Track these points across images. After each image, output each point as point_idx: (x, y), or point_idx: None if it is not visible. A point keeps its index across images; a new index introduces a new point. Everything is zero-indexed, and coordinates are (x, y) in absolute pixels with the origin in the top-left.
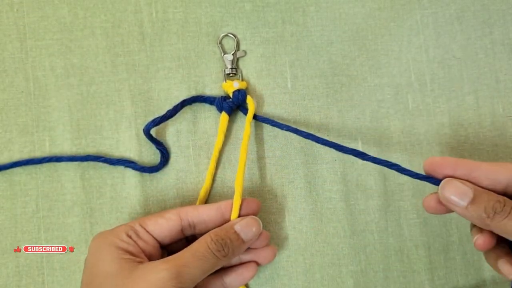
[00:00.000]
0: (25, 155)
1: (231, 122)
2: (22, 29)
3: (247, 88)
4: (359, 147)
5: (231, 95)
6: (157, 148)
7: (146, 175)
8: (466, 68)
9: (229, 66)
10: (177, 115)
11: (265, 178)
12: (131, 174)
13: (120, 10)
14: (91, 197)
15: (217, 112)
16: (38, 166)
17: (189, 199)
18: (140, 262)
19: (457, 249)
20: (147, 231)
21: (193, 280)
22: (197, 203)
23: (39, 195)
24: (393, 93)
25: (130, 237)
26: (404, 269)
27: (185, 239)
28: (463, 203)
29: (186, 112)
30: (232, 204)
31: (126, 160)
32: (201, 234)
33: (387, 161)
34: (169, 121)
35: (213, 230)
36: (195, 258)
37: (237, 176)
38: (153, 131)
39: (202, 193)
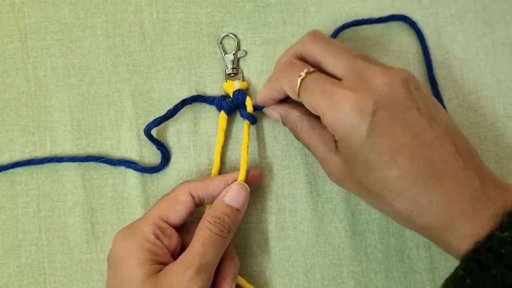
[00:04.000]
0: (26, 155)
1: (231, 122)
2: (23, 30)
3: (247, 88)
4: None
5: (231, 95)
6: (158, 149)
7: (147, 175)
8: (467, 68)
9: (230, 66)
10: (177, 115)
11: (265, 178)
12: (132, 175)
13: (121, 11)
14: (92, 197)
15: (217, 112)
16: (39, 166)
17: None
18: (161, 269)
19: None
20: (169, 224)
21: (213, 267)
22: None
23: (40, 195)
24: None
25: (157, 236)
26: (405, 269)
27: None
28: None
29: (187, 112)
30: (237, 176)
31: (127, 161)
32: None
33: None
34: (170, 122)
35: (207, 213)
36: (206, 248)
37: (242, 151)
38: (153, 132)
39: None
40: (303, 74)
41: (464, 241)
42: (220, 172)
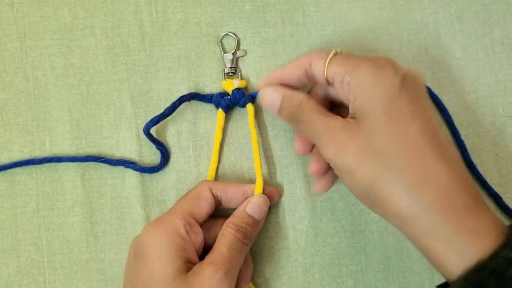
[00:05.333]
0: (25, 155)
1: (230, 121)
2: (22, 29)
3: (246, 87)
4: None
5: (230, 93)
6: (158, 148)
7: (146, 175)
8: (466, 68)
9: (229, 65)
10: (177, 115)
11: (264, 178)
12: (131, 174)
13: (120, 10)
14: (92, 197)
15: (216, 111)
16: (38, 166)
17: None
18: (189, 267)
19: None
20: (196, 221)
21: (237, 271)
22: None
23: (40, 194)
24: None
25: (187, 232)
26: (404, 269)
27: None
28: (275, 108)
29: (186, 112)
30: (254, 188)
31: (127, 161)
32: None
33: None
34: (169, 122)
35: (230, 221)
36: (233, 252)
37: (255, 163)
38: (153, 132)
39: None
40: (335, 51)
41: (459, 257)
42: (218, 170)
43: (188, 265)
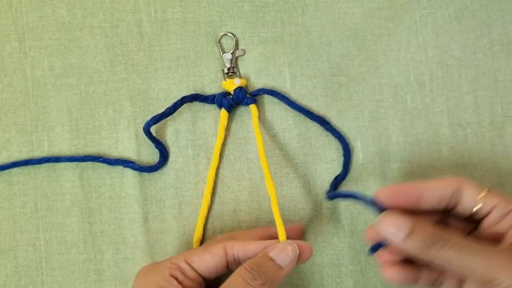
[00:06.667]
0: (23, 155)
1: (230, 121)
2: (21, 29)
3: (246, 86)
4: (358, 147)
5: (232, 92)
6: (156, 147)
7: (145, 174)
8: (465, 68)
9: (228, 65)
10: (176, 115)
11: (263, 178)
12: (129, 174)
13: (119, 10)
14: (90, 197)
15: (216, 112)
16: (37, 166)
17: (188, 198)
18: None
19: None
20: (193, 268)
21: None
22: (203, 200)
23: (38, 195)
24: (392, 93)
25: (174, 277)
26: None
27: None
28: (398, 237)
29: (185, 112)
30: (277, 243)
31: (125, 160)
32: None
33: None
34: (168, 121)
35: (247, 261)
36: None
37: (275, 214)
38: (152, 132)
39: (207, 191)
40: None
41: None
42: (218, 170)
43: None
